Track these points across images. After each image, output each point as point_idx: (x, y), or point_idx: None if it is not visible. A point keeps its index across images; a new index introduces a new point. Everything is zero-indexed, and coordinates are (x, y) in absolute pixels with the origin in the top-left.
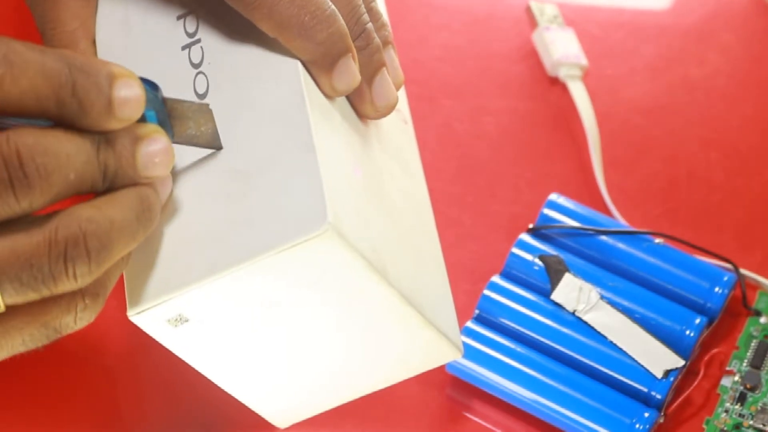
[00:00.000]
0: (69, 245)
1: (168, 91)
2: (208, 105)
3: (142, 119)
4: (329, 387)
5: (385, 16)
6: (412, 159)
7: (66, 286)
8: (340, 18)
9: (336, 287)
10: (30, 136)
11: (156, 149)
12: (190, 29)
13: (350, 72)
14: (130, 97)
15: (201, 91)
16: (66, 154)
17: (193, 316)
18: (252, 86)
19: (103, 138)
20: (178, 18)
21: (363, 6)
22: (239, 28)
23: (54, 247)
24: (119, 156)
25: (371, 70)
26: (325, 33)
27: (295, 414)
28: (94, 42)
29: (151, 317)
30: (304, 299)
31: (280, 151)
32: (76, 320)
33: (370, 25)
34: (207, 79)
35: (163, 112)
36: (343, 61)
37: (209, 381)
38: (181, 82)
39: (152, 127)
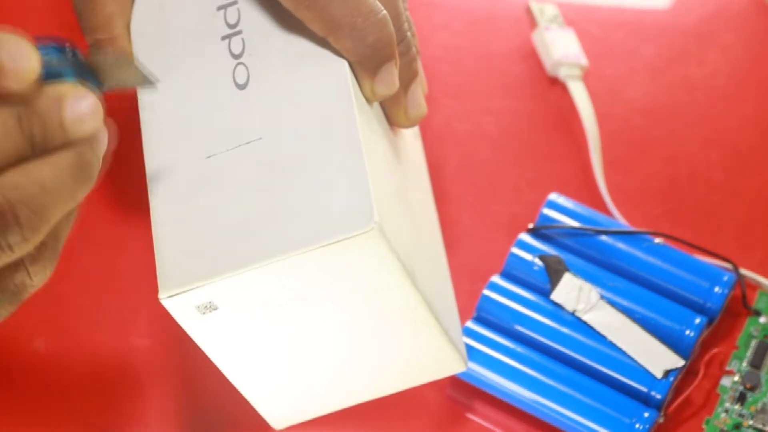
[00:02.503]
0: None
1: (204, 79)
2: (125, 57)
3: (60, 80)
4: (335, 389)
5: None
6: (423, 172)
7: (4, 257)
8: (391, 23)
9: (367, 287)
10: None
11: (83, 105)
12: (232, 20)
13: (392, 78)
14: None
15: (241, 81)
16: None
17: (223, 305)
18: (295, 81)
19: (23, 107)
20: (218, 9)
21: (405, 14)
22: (283, 24)
23: None
24: (44, 120)
25: (408, 78)
26: (375, 36)
27: (295, 415)
28: (128, 28)
29: (181, 302)
30: (333, 297)
31: (325, 147)
32: (30, 275)
33: (410, 33)
34: (248, 70)
35: (82, 68)
36: (387, 66)
37: (211, 382)
38: (219, 70)
39: (73, 86)
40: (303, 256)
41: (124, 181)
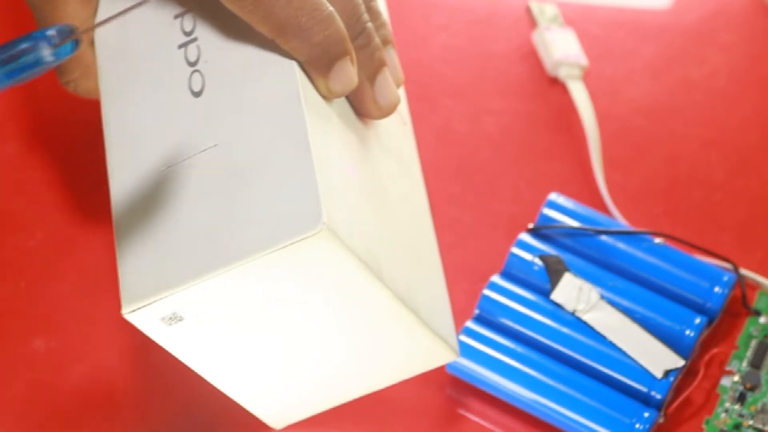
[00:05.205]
0: None
1: (163, 88)
2: None
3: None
4: (325, 388)
5: (384, 15)
6: (410, 160)
7: None
8: (339, 20)
9: (331, 287)
10: None
11: None
12: (187, 28)
13: (347, 74)
14: None
15: (197, 89)
16: None
17: (188, 315)
18: (248, 85)
19: None
20: (176, 17)
21: (363, 5)
22: (236, 28)
23: None
24: None
25: (373, 69)
26: (322, 35)
27: (290, 415)
28: (92, 43)
29: (144, 315)
30: (299, 299)
31: (275, 150)
32: None
33: (370, 24)
34: (203, 78)
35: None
36: (340, 63)
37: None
38: (176, 79)
39: None
40: (257, 262)
41: None
